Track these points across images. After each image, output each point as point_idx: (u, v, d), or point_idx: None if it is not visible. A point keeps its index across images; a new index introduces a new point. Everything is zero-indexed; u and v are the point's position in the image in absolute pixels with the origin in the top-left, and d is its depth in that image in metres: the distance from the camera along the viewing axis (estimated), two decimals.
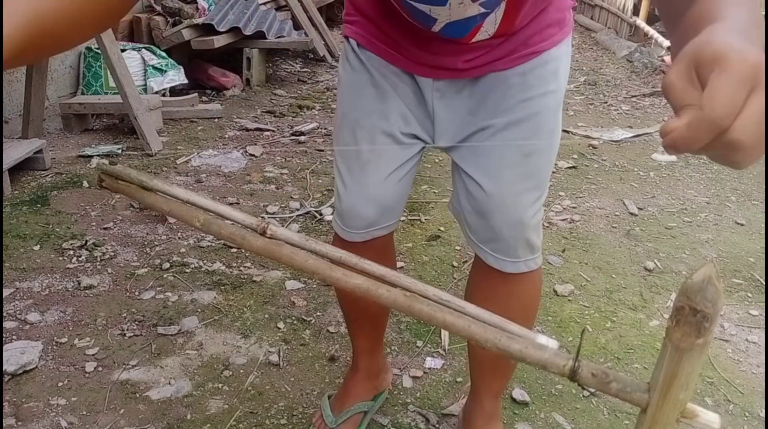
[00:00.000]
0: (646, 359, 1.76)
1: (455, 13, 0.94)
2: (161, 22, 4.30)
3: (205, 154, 3.20)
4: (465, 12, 0.94)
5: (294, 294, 2.01)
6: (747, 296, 2.12)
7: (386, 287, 0.49)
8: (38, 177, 2.83)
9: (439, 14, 0.94)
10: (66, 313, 1.87)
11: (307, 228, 2.47)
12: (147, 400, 1.54)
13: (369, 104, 1.11)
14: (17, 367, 1.59)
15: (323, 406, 1.47)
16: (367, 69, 1.11)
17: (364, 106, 1.12)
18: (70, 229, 2.35)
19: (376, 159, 1.12)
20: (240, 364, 1.68)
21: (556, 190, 2.95)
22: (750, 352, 1.83)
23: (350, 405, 1.45)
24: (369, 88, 1.11)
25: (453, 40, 1.01)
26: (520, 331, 0.46)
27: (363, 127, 1.11)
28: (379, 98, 1.11)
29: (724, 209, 2.81)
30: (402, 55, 1.07)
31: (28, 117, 3.01)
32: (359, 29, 1.11)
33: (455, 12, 0.93)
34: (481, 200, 1.08)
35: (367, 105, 1.11)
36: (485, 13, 0.95)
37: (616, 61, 5.95)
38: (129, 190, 0.61)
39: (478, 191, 1.08)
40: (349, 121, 1.13)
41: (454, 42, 1.01)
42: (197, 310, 1.90)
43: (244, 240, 0.54)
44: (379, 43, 1.09)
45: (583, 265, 2.27)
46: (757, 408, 1.60)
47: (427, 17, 0.96)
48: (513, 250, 1.10)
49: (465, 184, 1.10)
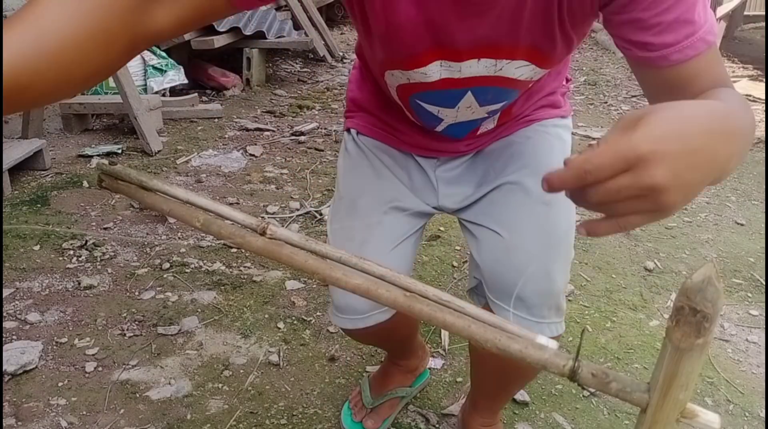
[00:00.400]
0: (646, 359, 1.76)
1: (462, 115, 0.96)
2: None
3: (205, 154, 3.20)
4: (471, 115, 0.96)
5: (294, 294, 2.01)
6: (747, 296, 2.12)
7: (386, 287, 0.49)
8: (38, 177, 2.83)
9: (446, 115, 0.97)
10: (66, 313, 1.86)
11: (307, 228, 2.47)
12: (147, 400, 1.54)
13: (366, 184, 1.08)
14: (17, 367, 1.59)
15: (363, 385, 1.49)
16: (365, 153, 1.10)
17: (361, 186, 1.08)
18: (70, 229, 2.35)
19: (375, 238, 1.05)
20: (240, 364, 1.68)
21: None
22: (750, 352, 1.83)
23: (390, 389, 1.46)
24: (366, 169, 1.09)
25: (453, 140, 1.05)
26: (520, 332, 0.46)
27: (360, 207, 1.07)
28: (376, 177, 1.08)
29: (724, 209, 2.81)
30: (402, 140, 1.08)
31: (28, 117, 3.01)
32: (359, 121, 1.12)
33: (462, 114, 0.96)
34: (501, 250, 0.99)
35: (365, 185, 1.08)
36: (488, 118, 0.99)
37: (616, 61, 5.95)
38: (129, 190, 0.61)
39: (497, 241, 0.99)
40: (346, 203, 1.09)
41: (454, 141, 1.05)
42: (197, 310, 1.90)
43: (244, 240, 0.54)
44: (378, 130, 1.09)
45: (583, 265, 2.27)
46: (757, 408, 1.60)
47: (433, 118, 0.98)
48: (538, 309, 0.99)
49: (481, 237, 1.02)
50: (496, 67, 0.85)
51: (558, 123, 1.08)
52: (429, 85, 0.89)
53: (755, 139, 3.83)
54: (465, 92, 0.91)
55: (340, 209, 1.10)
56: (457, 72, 0.86)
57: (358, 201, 1.07)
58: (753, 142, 0.57)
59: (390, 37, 0.82)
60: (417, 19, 0.79)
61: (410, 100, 0.96)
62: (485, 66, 0.85)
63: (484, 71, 0.86)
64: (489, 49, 0.82)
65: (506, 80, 0.88)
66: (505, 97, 0.95)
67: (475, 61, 0.84)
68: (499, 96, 0.93)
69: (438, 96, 0.92)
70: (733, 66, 6.08)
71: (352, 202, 1.08)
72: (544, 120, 1.07)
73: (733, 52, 6.63)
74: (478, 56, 0.84)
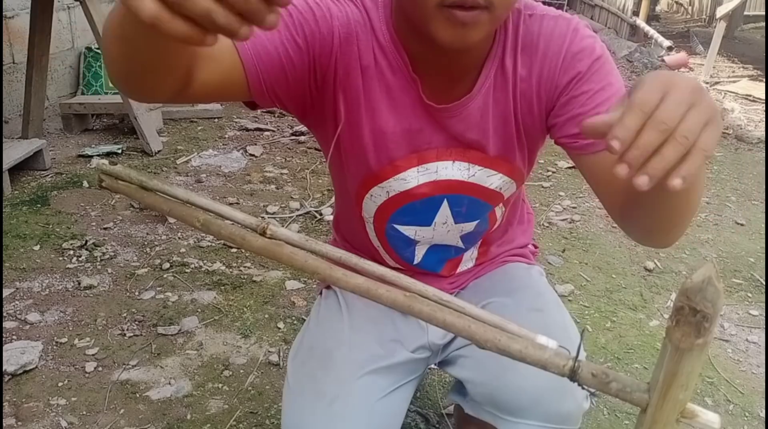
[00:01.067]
0: (646, 359, 1.76)
1: (438, 235, 0.99)
2: None
3: (205, 154, 3.20)
4: (447, 235, 0.99)
5: (294, 294, 2.01)
6: (747, 296, 2.12)
7: (386, 287, 0.49)
8: (38, 177, 2.83)
9: (422, 237, 0.99)
10: (66, 313, 1.86)
11: (307, 228, 2.47)
12: (147, 400, 1.54)
13: (341, 335, 0.98)
14: (17, 367, 1.59)
15: None
16: (343, 298, 1.05)
17: (336, 336, 0.98)
18: (70, 229, 2.35)
19: (349, 396, 0.91)
20: (240, 364, 1.68)
21: (556, 190, 2.95)
22: (750, 352, 1.83)
23: None
24: (342, 316, 1.01)
25: (432, 275, 1.06)
26: (520, 331, 0.46)
27: (333, 359, 0.94)
28: (354, 332, 0.98)
29: (724, 209, 2.81)
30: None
31: (28, 117, 3.01)
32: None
33: (438, 234, 0.99)
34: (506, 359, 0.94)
35: (340, 336, 0.98)
36: (461, 249, 1.03)
37: (616, 61, 5.93)
38: (129, 190, 0.61)
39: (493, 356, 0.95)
40: (317, 354, 0.97)
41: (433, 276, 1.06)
42: (197, 310, 1.90)
43: (244, 240, 0.54)
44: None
45: (583, 265, 2.27)
46: (757, 408, 1.60)
47: (409, 244, 1.01)
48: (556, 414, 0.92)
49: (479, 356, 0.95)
50: (470, 172, 0.92)
51: (532, 266, 1.13)
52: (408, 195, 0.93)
53: (755, 139, 3.83)
54: (441, 201, 0.95)
55: (309, 361, 0.97)
56: (434, 173, 0.92)
57: (335, 353, 0.95)
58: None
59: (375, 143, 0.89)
60: (395, 128, 0.88)
61: (387, 229, 0.99)
62: (459, 169, 0.92)
63: (458, 175, 0.92)
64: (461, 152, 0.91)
65: (480, 189, 0.94)
66: (478, 212, 0.98)
67: (450, 163, 0.91)
68: (472, 210, 0.97)
69: (416, 210, 0.95)
70: (733, 66, 6.08)
71: (326, 353, 0.96)
72: (518, 263, 1.12)
73: (733, 52, 6.63)
74: (453, 158, 0.91)
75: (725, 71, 5.84)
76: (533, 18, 0.86)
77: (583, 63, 0.83)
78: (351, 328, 0.99)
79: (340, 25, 0.82)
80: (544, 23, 0.85)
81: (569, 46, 0.84)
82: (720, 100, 4.74)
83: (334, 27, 0.82)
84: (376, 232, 1.02)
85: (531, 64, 0.85)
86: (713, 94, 4.92)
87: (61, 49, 3.73)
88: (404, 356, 0.99)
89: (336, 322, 1.01)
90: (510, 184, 0.96)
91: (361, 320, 1.01)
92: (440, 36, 0.74)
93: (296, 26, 0.79)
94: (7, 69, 3.29)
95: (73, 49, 3.86)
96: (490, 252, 1.10)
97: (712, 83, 5.25)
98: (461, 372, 1.02)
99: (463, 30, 0.72)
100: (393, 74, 0.85)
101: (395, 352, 0.98)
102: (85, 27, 3.39)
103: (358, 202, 0.99)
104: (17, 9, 3.34)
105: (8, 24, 3.29)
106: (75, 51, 3.87)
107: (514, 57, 0.86)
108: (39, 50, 2.97)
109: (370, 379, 0.94)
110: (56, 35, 3.49)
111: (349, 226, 1.10)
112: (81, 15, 3.30)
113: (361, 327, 0.99)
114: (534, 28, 0.85)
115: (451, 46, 0.74)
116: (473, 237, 1.03)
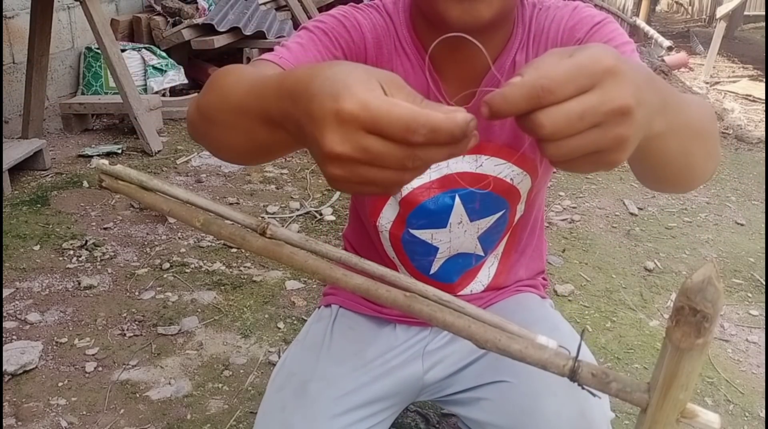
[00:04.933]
0: (646, 359, 1.76)
1: (455, 238, 0.97)
2: (161, 22, 4.30)
3: (205, 154, 3.20)
4: (464, 237, 0.97)
5: (294, 294, 2.01)
6: (747, 296, 2.12)
7: (386, 287, 0.49)
8: (38, 177, 2.83)
9: (440, 241, 0.98)
10: (66, 313, 1.86)
11: (307, 228, 2.47)
12: (147, 400, 1.54)
13: (320, 367, 0.94)
14: (17, 367, 1.59)
15: None
16: (330, 328, 1.01)
17: (314, 368, 0.94)
18: (70, 229, 2.35)
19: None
20: (240, 364, 1.68)
21: (556, 190, 2.95)
22: (750, 352, 1.83)
23: None
24: (323, 346, 0.98)
25: (445, 285, 1.02)
26: (520, 331, 0.46)
27: (307, 393, 0.90)
28: (332, 359, 0.95)
29: (724, 209, 2.81)
30: (386, 313, 1.04)
31: (28, 117, 3.01)
32: (344, 298, 1.08)
33: (455, 237, 0.97)
34: (523, 398, 0.87)
35: (318, 368, 0.94)
36: (480, 256, 1.01)
37: None
38: (129, 190, 0.61)
39: (516, 390, 0.88)
40: (293, 382, 0.92)
41: (445, 287, 1.01)
42: (197, 310, 1.90)
43: (244, 240, 0.54)
44: (365, 301, 1.04)
45: (583, 265, 2.27)
46: (757, 408, 1.60)
47: (427, 251, 0.99)
48: None
49: (492, 396, 0.92)
50: (477, 163, 0.91)
51: (545, 300, 1.12)
52: (421, 192, 0.93)
53: (755, 139, 3.83)
54: (453, 199, 0.94)
55: (286, 385, 0.93)
56: (445, 168, 0.92)
57: (310, 385, 0.91)
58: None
59: None
60: None
61: (403, 235, 0.97)
62: (468, 161, 0.91)
63: (467, 166, 0.92)
64: None
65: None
66: (493, 207, 0.96)
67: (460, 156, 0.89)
68: (486, 205, 0.96)
69: (429, 211, 0.95)
70: (733, 66, 6.08)
71: (302, 384, 0.91)
72: (531, 294, 1.10)
73: (733, 52, 6.64)
74: None
75: (725, 71, 5.84)
76: (542, 11, 0.87)
77: (582, 31, 0.82)
78: (330, 359, 0.95)
79: (368, 31, 0.85)
80: (550, 13, 0.87)
81: (567, 23, 0.84)
82: (720, 100, 4.74)
83: (364, 34, 0.85)
84: (392, 240, 1.00)
85: (538, 54, 0.86)
86: (714, 94, 4.93)
87: (61, 49, 3.73)
88: (385, 390, 0.96)
89: (317, 350, 0.97)
90: (523, 177, 0.94)
91: (343, 353, 0.97)
92: (449, 15, 0.72)
93: (333, 42, 0.81)
94: (7, 69, 3.29)
95: (73, 49, 3.87)
96: (507, 270, 1.06)
97: (712, 83, 5.25)
98: (479, 414, 0.95)
99: (471, 4, 0.71)
100: (415, 76, 0.87)
101: (375, 387, 0.95)
102: (85, 27, 3.39)
103: (374, 221, 0.98)
104: (17, 9, 3.34)
105: (8, 24, 3.30)
106: (75, 51, 3.88)
107: (525, 50, 0.87)
108: (39, 50, 2.98)
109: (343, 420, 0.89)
110: (56, 35, 3.49)
111: (362, 242, 1.09)
112: (81, 15, 3.30)
113: (343, 360, 0.95)
114: (542, 19, 0.87)
115: (463, 24, 0.72)
116: (491, 237, 1.00)
